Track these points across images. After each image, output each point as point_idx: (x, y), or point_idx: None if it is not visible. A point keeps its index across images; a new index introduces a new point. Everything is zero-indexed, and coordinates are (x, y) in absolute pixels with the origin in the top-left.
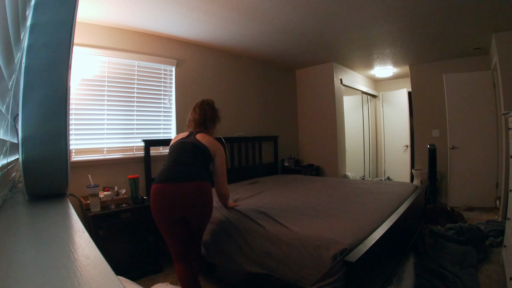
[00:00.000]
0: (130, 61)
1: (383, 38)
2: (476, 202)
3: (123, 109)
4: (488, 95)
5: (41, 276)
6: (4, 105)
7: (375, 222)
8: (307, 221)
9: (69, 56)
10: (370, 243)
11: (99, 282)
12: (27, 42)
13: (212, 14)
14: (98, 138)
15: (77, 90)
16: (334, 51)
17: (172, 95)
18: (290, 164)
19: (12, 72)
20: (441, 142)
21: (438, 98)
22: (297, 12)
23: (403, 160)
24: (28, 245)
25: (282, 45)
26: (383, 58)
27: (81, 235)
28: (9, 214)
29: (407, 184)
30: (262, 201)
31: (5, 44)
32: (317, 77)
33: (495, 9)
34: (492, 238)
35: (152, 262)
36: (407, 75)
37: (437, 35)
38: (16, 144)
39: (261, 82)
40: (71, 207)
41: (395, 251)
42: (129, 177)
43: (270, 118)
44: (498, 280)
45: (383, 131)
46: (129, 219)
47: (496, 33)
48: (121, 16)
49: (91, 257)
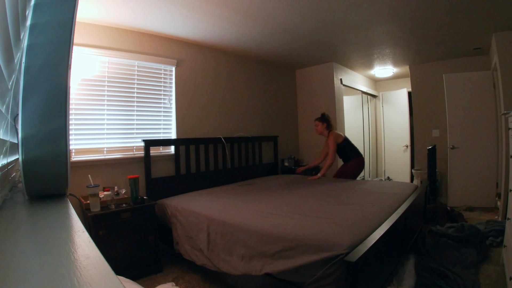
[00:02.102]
0: (130, 61)
1: (383, 38)
2: (476, 202)
3: (123, 109)
4: (488, 95)
5: (41, 276)
6: (4, 105)
7: (375, 222)
8: (306, 221)
9: (69, 56)
10: (370, 243)
11: (99, 282)
12: (27, 42)
13: (212, 14)
14: (98, 138)
15: (77, 90)
16: (334, 51)
17: (172, 95)
18: (290, 164)
19: (12, 72)
20: (441, 142)
21: (438, 98)
22: (297, 12)
23: (403, 160)
24: (28, 245)
25: (282, 45)
26: (383, 58)
27: (81, 235)
28: (9, 214)
29: (407, 184)
30: (261, 202)
31: (5, 44)
32: (317, 77)
33: (495, 9)
34: (492, 238)
35: (152, 262)
36: (407, 75)
37: (437, 35)
38: (16, 144)
39: (261, 82)
40: (71, 207)
41: (395, 251)
42: (129, 177)
43: (270, 118)
44: (498, 280)
45: (383, 131)
46: (129, 219)
47: (496, 33)
48: (121, 16)
49: (91, 257)
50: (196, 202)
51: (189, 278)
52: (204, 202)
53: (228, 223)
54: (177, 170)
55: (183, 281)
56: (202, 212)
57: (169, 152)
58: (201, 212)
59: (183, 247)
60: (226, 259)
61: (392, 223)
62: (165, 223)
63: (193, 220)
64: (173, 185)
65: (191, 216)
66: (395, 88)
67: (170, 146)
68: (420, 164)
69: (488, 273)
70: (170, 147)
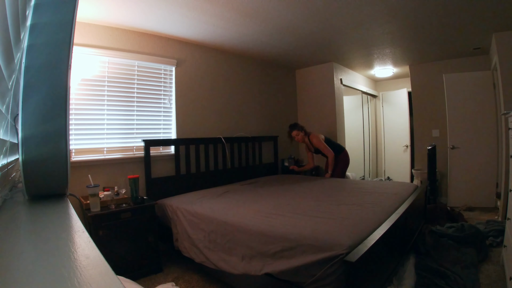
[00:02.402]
0: (130, 61)
1: (383, 38)
2: (476, 202)
3: (123, 109)
4: (488, 95)
5: (41, 276)
6: (4, 105)
7: (375, 222)
8: (306, 221)
9: (69, 56)
10: (370, 243)
11: (99, 282)
12: (27, 42)
13: (212, 14)
14: (98, 138)
15: (77, 90)
16: (334, 51)
17: (172, 95)
18: (290, 164)
19: (12, 72)
20: (441, 142)
21: (438, 98)
22: (297, 12)
23: (403, 160)
24: (28, 245)
25: (282, 45)
26: (383, 58)
27: (81, 235)
28: (9, 214)
29: (407, 184)
30: (261, 202)
31: (5, 44)
32: (317, 77)
33: (495, 9)
34: (492, 238)
35: (152, 262)
36: (407, 75)
37: (437, 35)
38: (16, 144)
39: (261, 82)
40: (71, 207)
41: (395, 251)
42: (129, 177)
43: (270, 118)
44: (498, 280)
45: (383, 131)
46: (129, 219)
47: (496, 33)
48: (121, 16)
49: (91, 257)
50: (196, 202)
51: (189, 278)
52: (204, 202)
53: (228, 223)
54: (177, 170)
55: (183, 281)
56: (202, 212)
57: (169, 152)
58: (201, 212)
59: (183, 244)
60: (226, 258)
61: (392, 223)
62: (165, 223)
63: (193, 220)
64: (173, 185)
65: (191, 216)
66: (395, 88)
67: (170, 146)
68: (420, 164)
69: (488, 273)
70: (170, 147)
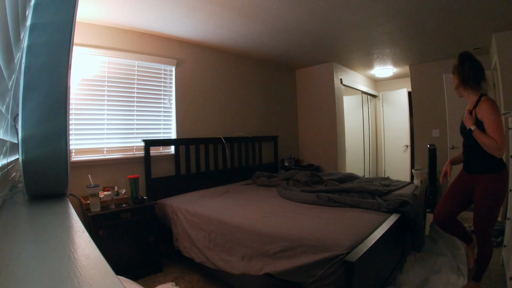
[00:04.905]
0: (130, 61)
1: (383, 38)
2: None
3: (123, 109)
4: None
5: (41, 276)
6: (4, 105)
7: (375, 222)
8: (306, 221)
9: (69, 56)
10: (370, 243)
11: (99, 282)
12: (27, 42)
13: (212, 14)
14: (98, 138)
15: (77, 90)
16: (334, 51)
17: (172, 95)
18: (290, 164)
19: (12, 72)
20: (441, 142)
21: (438, 98)
22: (297, 12)
23: (403, 160)
24: (28, 245)
25: (282, 45)
26: (383, 58)
27: (81, 235)
28: (9, 214)
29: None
30: (261, 202)
31: (5, 44)
32: (317, 77)
33: (495, 9)
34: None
35: (152, 262)
36: (407, 75)
37: (437, 35)
38: (16, 144)
39: (261, 82)
40: (71, 207)
41: (395, 251)
42: (129, 177)
43: (270, 118)
44: (498, 280)
45: (383, 131)
46: (129, 219)
47: (496, 33)
48: (121, 16)
49: (91, 257)
50: (196, 202)
51: (189, 278)
52: (204, 202)
53: (228, 223)
54: (177, 170)
55: (183, 281)
56: (202, 212)
57: (169, 152)
58: (201, 212)
59: (183, 244)
60: (226, 258)
61: (392, 223)
62: (165, 223)
63: (193, 220)
64: (173, 185)
65: (191, 216)
66: (395, 88)
67: (170, 146)
68: (420, 164)
69: (488, 273)
70: (170, 147)
